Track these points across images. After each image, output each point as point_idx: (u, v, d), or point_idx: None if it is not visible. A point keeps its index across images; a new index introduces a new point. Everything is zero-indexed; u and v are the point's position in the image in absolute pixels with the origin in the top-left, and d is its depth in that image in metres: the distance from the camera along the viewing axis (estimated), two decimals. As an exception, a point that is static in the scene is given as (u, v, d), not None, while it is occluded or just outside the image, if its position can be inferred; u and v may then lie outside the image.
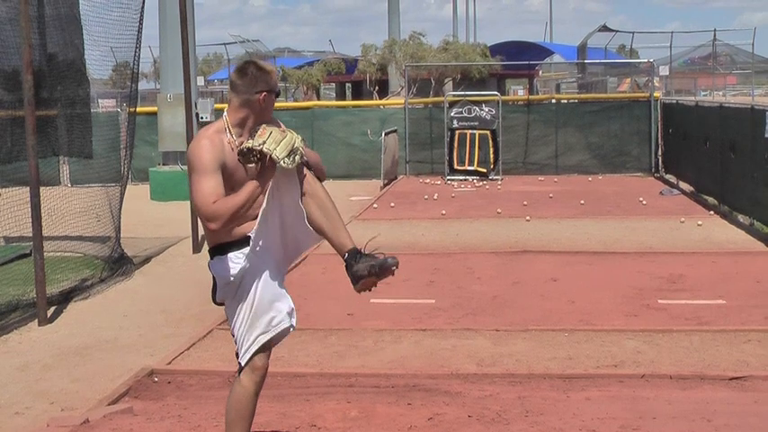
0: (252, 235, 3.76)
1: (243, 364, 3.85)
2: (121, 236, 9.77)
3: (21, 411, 5.34)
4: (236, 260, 3.78)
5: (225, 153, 3.71)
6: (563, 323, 6.93)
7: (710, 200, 13.69)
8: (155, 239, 11.30)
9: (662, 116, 18.13)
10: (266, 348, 3.86)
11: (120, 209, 9.81)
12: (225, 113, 3.84)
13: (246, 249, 3.76)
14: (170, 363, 6.08)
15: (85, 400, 5.44)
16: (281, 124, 3.90)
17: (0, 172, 9.43)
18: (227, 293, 3.87)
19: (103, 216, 9.75)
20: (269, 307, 3.83)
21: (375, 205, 14.05)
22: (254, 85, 3.78)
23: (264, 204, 3.75)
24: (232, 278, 3.80)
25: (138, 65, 10.32)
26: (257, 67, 3.83)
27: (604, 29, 41.11)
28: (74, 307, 7.96)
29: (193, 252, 10.45)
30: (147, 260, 10.14)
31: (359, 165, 18.47)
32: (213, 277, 3.91)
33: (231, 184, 3.70)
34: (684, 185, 15.61)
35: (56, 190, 9.84)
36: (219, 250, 3.82)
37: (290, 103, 28.17)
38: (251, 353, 3.82)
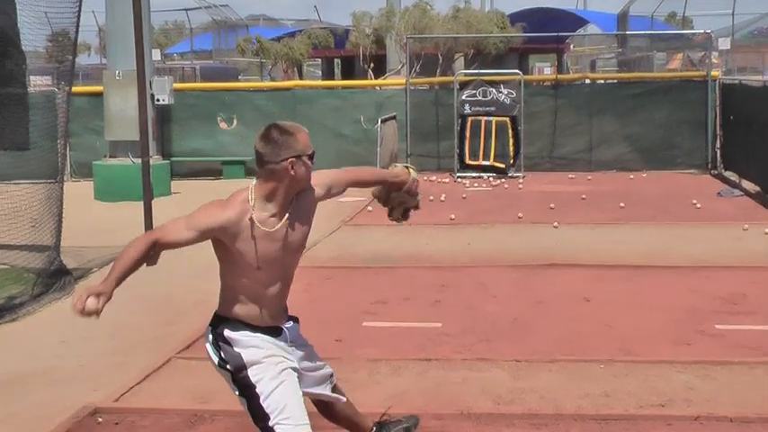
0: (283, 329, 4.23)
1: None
2: (60, 244, 9.76)
3: (-66, 458, 5.34)
4: (253, 337, 4.13)
5: (237, 224, 3.96)
6: (598, 352, 6.93)
7: (779, 203, 13.73)
8: (100, 248, 11.27)
9: (721, 100, 18.17)
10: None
11: (61, 211, 9.79)
12: (252, 184, 4.03)
13: (275, 339, 4.16)
14: (118, 399, 6.07)
15: (14, 445, 5.44)
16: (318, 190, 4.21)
17: None
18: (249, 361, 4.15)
19: (37, 220, 9.73)
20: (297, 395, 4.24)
21: (369, 208, 14.05)
22: (278, 152, 3.94)
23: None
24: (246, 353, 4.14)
25: (78, 34, 10.29)
26: (280, 130, 4.00)
27: (650, -7, 41.19)
28: None
29: (148, 264, 10.41)
30: (90, 273, 10.13)
31: (350, 158, 18.40)
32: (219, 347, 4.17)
33: (239, 257, 4.01)
34: (748, 185, 15.64)
35: (-24, 188, 9.85)
36: (233, 325, 4.13)
37: (267, 83, 28.21)
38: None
